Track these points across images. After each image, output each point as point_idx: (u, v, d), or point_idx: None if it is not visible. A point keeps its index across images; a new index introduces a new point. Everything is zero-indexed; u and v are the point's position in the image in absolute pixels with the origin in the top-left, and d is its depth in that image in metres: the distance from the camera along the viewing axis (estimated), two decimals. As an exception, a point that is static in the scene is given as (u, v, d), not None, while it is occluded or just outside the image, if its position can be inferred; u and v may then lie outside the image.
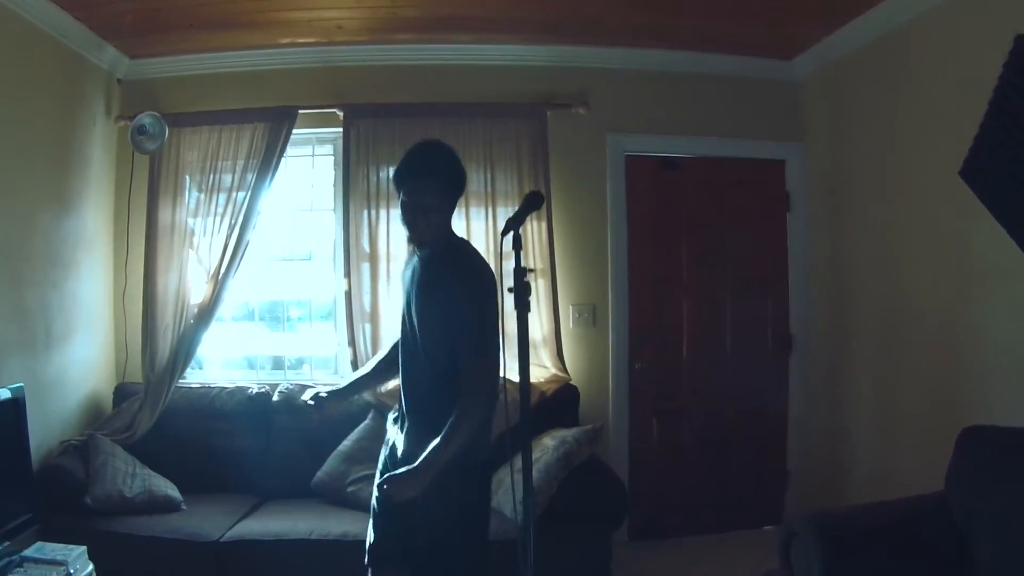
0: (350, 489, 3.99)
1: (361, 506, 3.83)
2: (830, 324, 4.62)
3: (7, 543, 3.09)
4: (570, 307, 4.62)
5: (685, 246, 4.77)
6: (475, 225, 4.46)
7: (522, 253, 2.32)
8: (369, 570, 2.85)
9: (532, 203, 2.41)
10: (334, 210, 4.63)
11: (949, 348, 3.59)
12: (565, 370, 4.47)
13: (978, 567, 2.74)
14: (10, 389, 3.32)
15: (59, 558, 3.10)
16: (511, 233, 2.32)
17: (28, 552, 3.13)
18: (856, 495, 3.98)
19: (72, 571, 3.09)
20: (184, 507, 3.95)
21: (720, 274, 4.79)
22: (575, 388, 4.43)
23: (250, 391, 4.42)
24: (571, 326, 4.63)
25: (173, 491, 3.98)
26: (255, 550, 3.61)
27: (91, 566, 3.20)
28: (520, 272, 2.35)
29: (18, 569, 3.00)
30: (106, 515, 3.76)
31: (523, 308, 2.32)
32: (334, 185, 4.64)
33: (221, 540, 3.65)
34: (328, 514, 3.84)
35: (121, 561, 3.50)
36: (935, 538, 2.88)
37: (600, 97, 4.60)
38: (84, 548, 3.21)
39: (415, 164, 2.64)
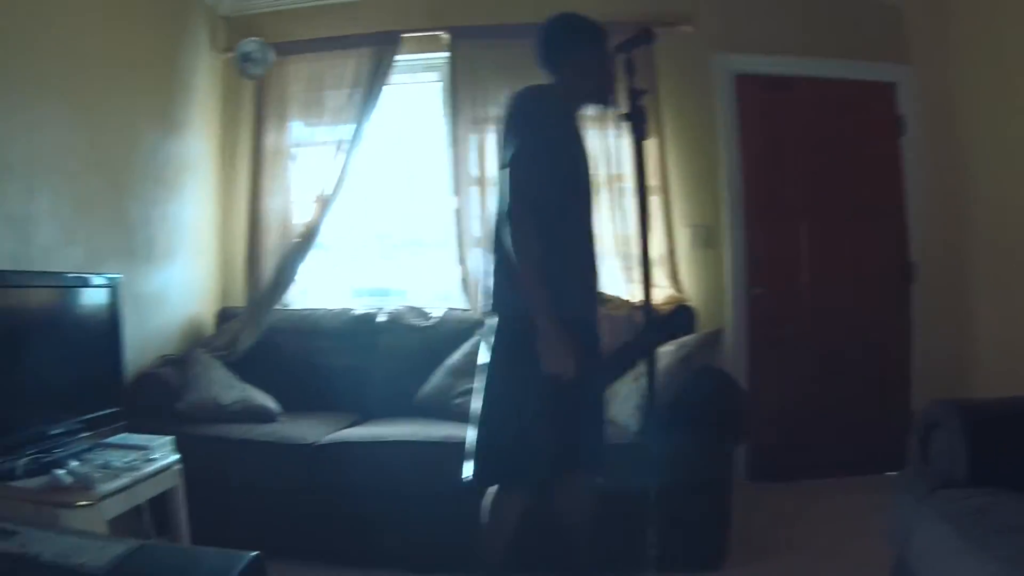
0: (456, 402, 3.69)
1: (467, 417, 3.58)
2: (952, 251, 4.32)
3: (91, 432, 2.94)
4: (685, 228, 4.37)
5: (799, 169, 4.48)
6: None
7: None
8: None
9: (644, 37, 2.34)
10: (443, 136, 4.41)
11: None
12: (682, 291, 4.21)
13: None
14: (107, 277, 3.17)
15: (142, 444, 2.92)
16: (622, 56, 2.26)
17: (112, 440, 2.98)
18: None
19: (155, 456, 2.90)
20: (281, 419, 3.72)
21: (835, 200, 4.49)
22: (691, 310, 4.12)
23: (355, 311, 4.22)
24: (687, 247, 4.38)
25: (271, 403, 3.77)
26: (351, 452, 3.37)
27: (177, 456, 3.02)
28: (635, 94, 2.20)
29: (97, 450, 2.83)
30: (199, 422, 3.58)
31: (640, 135, 2.23)
32: (442, 109, 4.46)
33: (316, 444, 3.41)
34: (431, 424, 3.56)
35: (211, 463, 3.32)
36: None
37: (707, 15, 4.39)
38: (172, 438, 3.05)
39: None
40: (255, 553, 1.81)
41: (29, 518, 2.22)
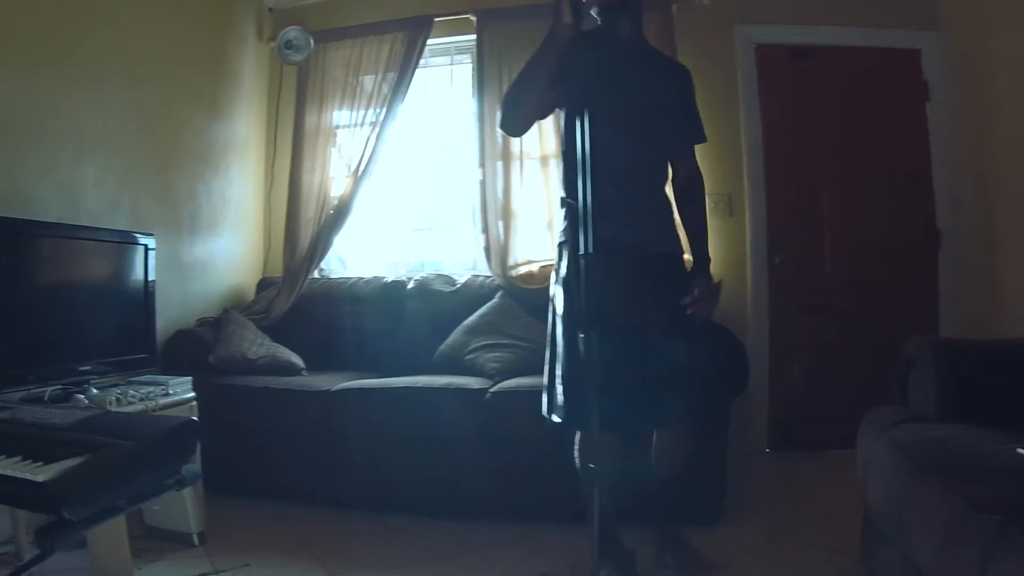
0: (468, 357, 3.84)
1: (476, 371, 3.74)
2: (979, 219, 4.19)
3: (121, 373, 3.12)
4: (705, 196, 4.34)
5: (822, 136, 4.40)
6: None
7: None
8: None
9: None
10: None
11: None
12: (700, 256, 4.20)
13: None
14: (143, 235, 3.35)
15: (161, 381, 3.09)
16: None
17: (137, 379, 3.15)
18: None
19: (171, 392, 3.06)
20: (305, 374, 3.91)
21: (861, 166, 4.40)
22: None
23: (386, 279, 4.36)
24: (708, 216, 4.34)
25: (296, 359, 3.96)
26: (360, 396, 3.53)
27: (193, 394, 3.17)
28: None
29: (121, 386, 2.99)
30: (228, 373, 3.79)
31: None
32: (471, 88, 4.56)
33: (329, 391, 3.56)
34: (442, 377, 3.65)
35: (234, 409, 3.59)
36: None
37: (725, -14, 4.39)
38: (189, 378, 3.21)
39: None
40: (190, 418, 2.19)
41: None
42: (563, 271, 2.51)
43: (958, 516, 1.64)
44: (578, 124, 2.20)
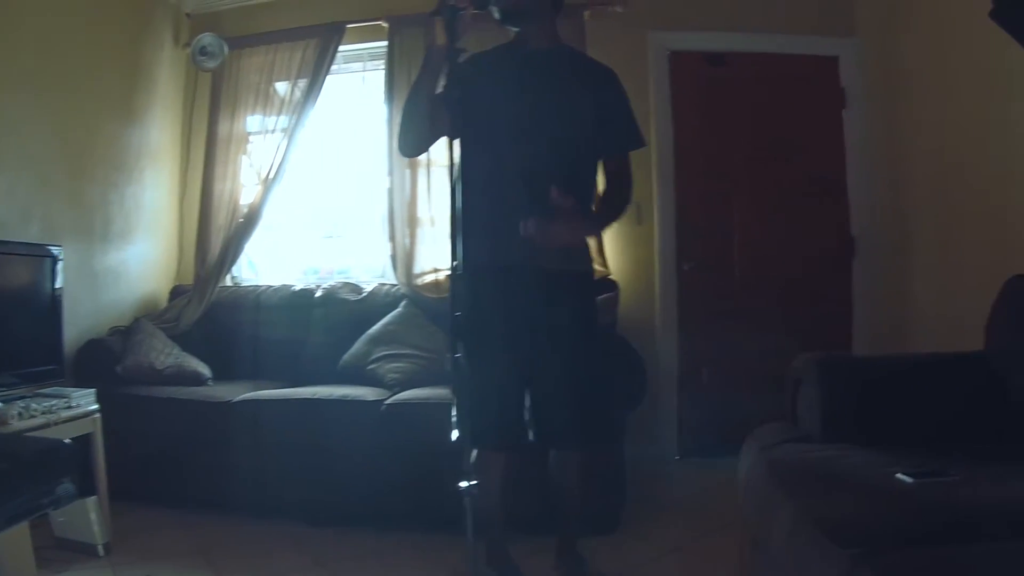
0: (369, 367, 3.83)
1: (377, 381, 3.75)
2: (892, 226, 4.13)
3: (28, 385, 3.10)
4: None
5: (735, 144, 4.36)
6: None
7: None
8: None
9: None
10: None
11: (1005, 235, 3.10)
12: (605, 264, 4.15)
13: (1016, 410, 2.26)
14: (50, 248, 3.34)
15: (65, 394, 3.08)
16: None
17: (42, 391, 3.13)
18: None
19: (74, 404, 3.06)
20: (211, 384, 3.90)
21: (774, 173, 4.35)
22: (614, 282, 4.07)
23: (294, 288, 4.34)
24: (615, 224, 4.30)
25: (203, 368, 3.94)
26: (260, 407, 3.53)
27: (96, 406, 3.17)
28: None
29: (26, 398, 2.97)
30: (135, 383, 3.79)
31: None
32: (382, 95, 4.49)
33: (231, 401, 3.57)
34: (342, 387, 3.66)
35: (140, 419, 3.60)
36: (965, 383, 2.41)
37: (640, -7, 4.33)
38: (93, 390, 3.20)
39: None
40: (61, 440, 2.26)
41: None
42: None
43: (817, 546, 1.61)
44: (455, 149, 2.11)
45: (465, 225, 2.24)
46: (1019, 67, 2.85)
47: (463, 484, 2.01)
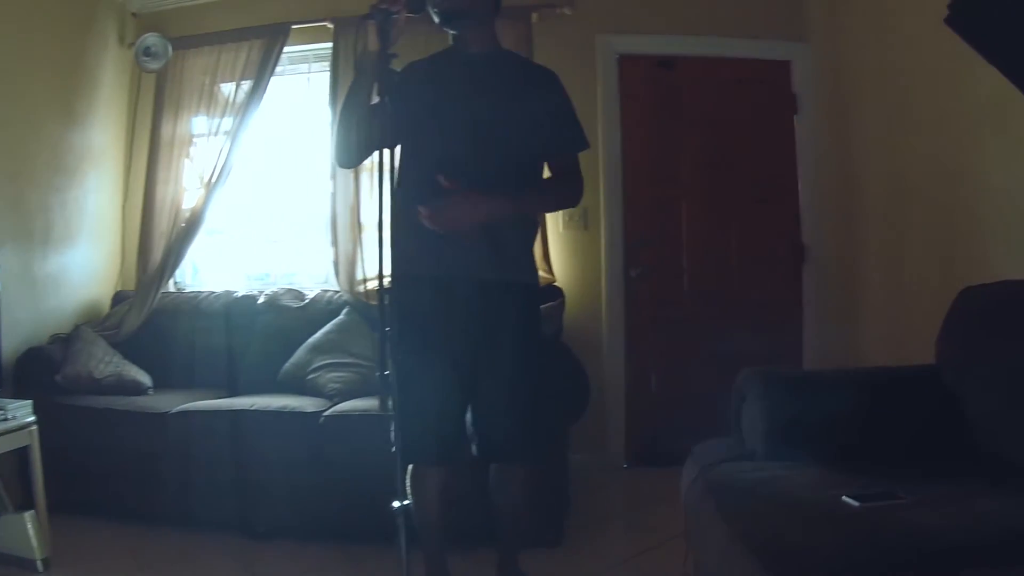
0: (310, 377, 3.78)
1: (317, 391, 3.71)
2: (841, 232, 4.09)
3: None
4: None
5: (685, 149, 4.30)
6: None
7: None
8: None
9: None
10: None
11: (956, 244, 3.07)
12: (551, 271, 4.10)
13: (969, 422, 2.21)
14: None
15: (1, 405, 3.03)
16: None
17: None
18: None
19: (10, 416, 3.02)
20: (151, 393, 3.84)
21: (724, 179, 4.29)
22: (559, 289, 4.03)
23: (236, 294, 4.28)
24: (560, 229, 4.23)
25: (143, 377, 3.88)
26: (197, 418, 3.49)
27: (33, 418, 3.12)
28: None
29: None
30: (74, 393, 3.73)
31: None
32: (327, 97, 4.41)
33: (169, 412, 3.52)
34: (281, 397, 3.63)
35: (78, 430, 3.55)
36: (916, 397, 2.35)
37: (588, -5, 4.26)
38: (30, 402, 3.14)
39: None
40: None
41: None
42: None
43: (750, 574, 1.56)
44: (390, 159, 2.03)
45: (403, 235, 2.21)
46: (971, 76, 2.80)
47: (396, 504, 1.96)
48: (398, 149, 2.34)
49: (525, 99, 2.37)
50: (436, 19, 2.32)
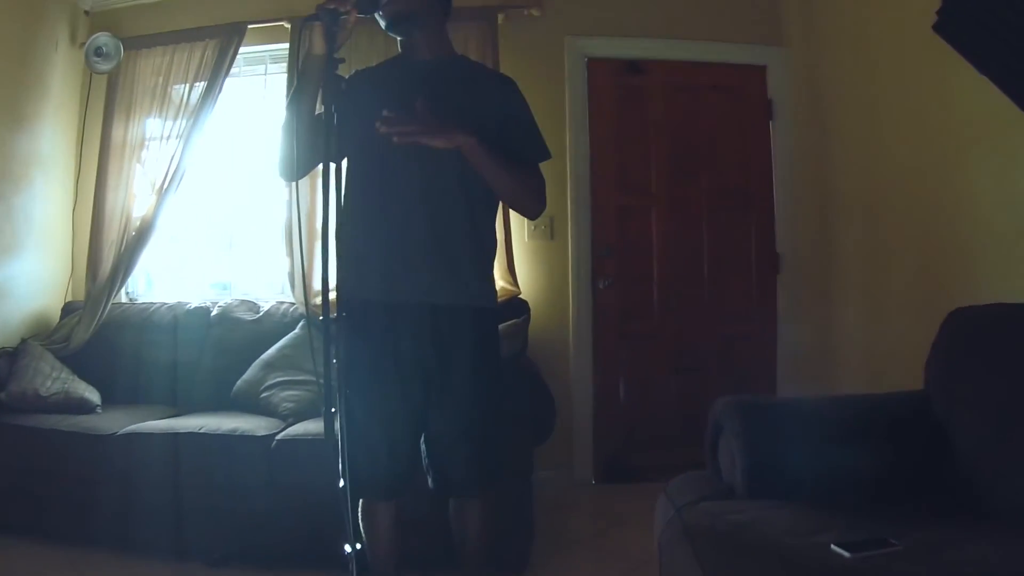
0: (263, 395, 3.60)
1: (271, 411, 3.54)
2: (817, 241, 3.95)
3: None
4: (525, 219, 4.08)
5: (655, 156, 4.15)
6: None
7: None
8: None
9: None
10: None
11: (938, 259, 2.94)
12: (515, 283, 3.92)
13: (958, 454, 2.10)
14: None
15: None
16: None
17: None
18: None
19: None
20: (99, 411, 3.66)
21: (696, 187, 4.15)
22: (524, 302, 3.85)
23: (189, 306, 4.08)
24: (526, 239, 4.07)
25: (91, 395, 3.70)
26: (144, 440, 3.29)
27: None
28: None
29: None
30: (19, 411, 3.55)
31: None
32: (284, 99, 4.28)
33: (116, 434, 3.34)
34: (233, 417, 3.45)
35: (22, 452, 3.40)
36: (904, 428, 2.23)
37: (556, -4, 4.09)
38: None
39: None
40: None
41: None
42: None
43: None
44: (331, 175, 1.86)
45: (349, 255, 2.07)
46: (956, 86, 2.67)
47: (347, 549, 1.80)
48: (344, 162, 2.19)
49: (481, 108, 2.17)
50: (382, 23, 2.15)
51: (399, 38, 2.22)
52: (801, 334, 4.06)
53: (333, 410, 1.78)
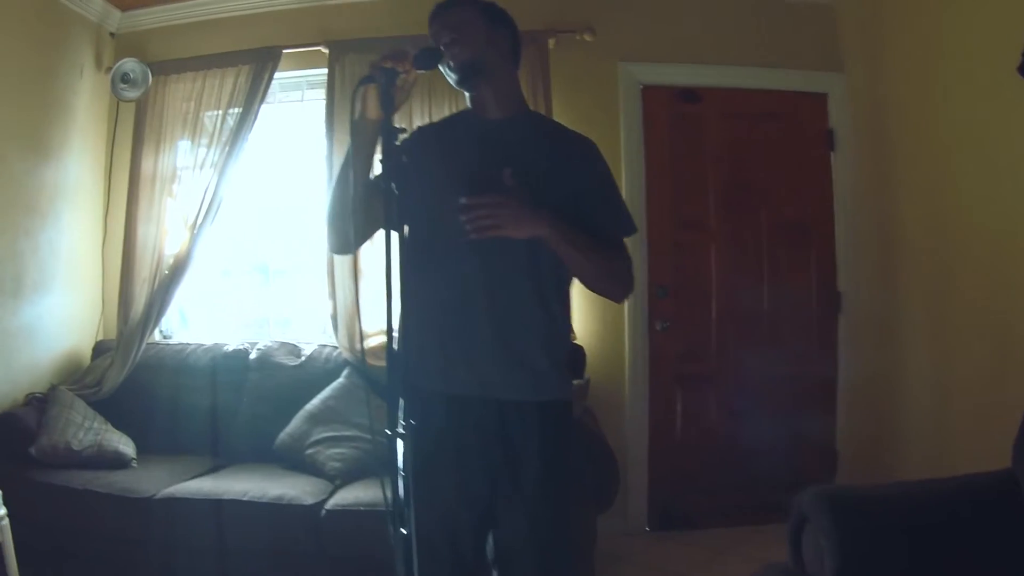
0: (308, 452, 3.42)
1: (317, 470, 3.35)
2: (880, 281, 3.75)
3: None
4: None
5: (712, 189, 3.94)
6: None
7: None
8: None
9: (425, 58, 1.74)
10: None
11: (1011, 312, 2.74)
12: (571, 329, 3.75)
13: None
14: None
15: None
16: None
17: None
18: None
19: None
20: (135, 464, 3.47)
21: (754, 220, 3.94)
22: (580, 348, 3.67)
23: (226, 348, 3.88)
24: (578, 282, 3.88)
25: (126, 447, 3.50)
26: (185, 508, 3.11)
27: (3, 511, 2.83)
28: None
29: None
30: (50, 467, 3.35)
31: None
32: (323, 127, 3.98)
33: (154, 497, 3.15)
34: (278, 477, 3.29)
35: (54, 513, 3.20)
36: (995, 518, 2.06)
37: (610, 22, 3.85)
38: None
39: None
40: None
41: None
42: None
43: None
44: (394, 253, 1.63)
45: (409, 333, 1.85)
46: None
47: None
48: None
49: (559, 176, 1.92)
50: (451, 79, 1.93)
51: (468, 93, 1.99)
52: (863, 377, 3.87)
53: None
